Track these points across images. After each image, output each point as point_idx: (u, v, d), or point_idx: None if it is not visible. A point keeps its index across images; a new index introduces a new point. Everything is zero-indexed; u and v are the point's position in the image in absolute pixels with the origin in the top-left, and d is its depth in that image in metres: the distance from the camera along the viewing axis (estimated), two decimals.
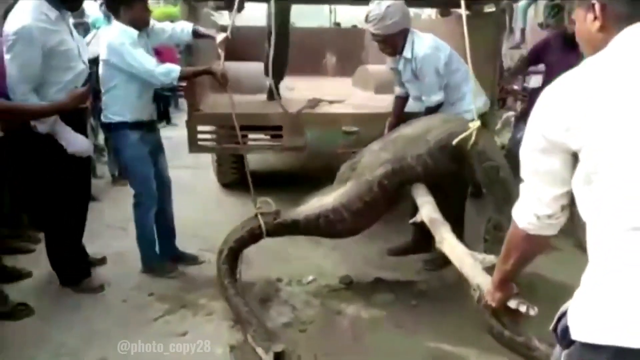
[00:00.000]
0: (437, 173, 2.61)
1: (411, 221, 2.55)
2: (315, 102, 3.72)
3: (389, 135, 2.86)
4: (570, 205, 1.12)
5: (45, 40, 2.53)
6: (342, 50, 6.54)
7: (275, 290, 3.03)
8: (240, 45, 5.45)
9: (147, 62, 2.79)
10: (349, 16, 15.69)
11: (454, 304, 2.65)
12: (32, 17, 2.48)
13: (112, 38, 2.81)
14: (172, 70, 2.85)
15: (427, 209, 2.48)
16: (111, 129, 3.01)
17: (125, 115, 2.93)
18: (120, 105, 2.92)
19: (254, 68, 4.57)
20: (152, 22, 3.03)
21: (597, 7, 1.05)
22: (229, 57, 3.05)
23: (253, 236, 2.78)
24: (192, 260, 3.39)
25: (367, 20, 2.98)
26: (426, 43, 3.00)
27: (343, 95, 4.25)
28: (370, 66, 5.17)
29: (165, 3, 22.71)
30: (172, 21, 9.54)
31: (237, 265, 2.80)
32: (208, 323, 2.69)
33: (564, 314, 1.04)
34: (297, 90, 4.55)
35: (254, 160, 5.28)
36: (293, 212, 2.77)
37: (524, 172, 1.14)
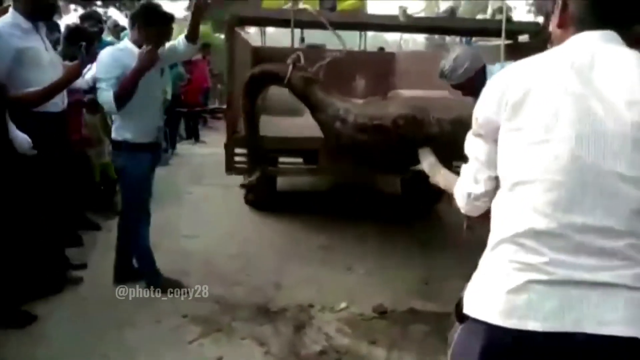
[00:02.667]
0: (449, 147, 2.49)
1: (411, 168, 2.56)
2: None
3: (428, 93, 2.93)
4: None
5: (13, 43, 2.75)
6: (372, 74, 6.54)
7: (309, 317, 2.99)
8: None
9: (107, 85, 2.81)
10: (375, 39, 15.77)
11: None
12: (2, 25, 2.78)
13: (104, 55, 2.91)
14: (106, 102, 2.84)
15: (429, 159, 2.49)
16: (121, 147, 3.03)
17: (135, 136, 2.98)
18: (129, 125, 2.97)
19: (285, 90, 4.59)
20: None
21: (559, 2, 1.11)
22: None
23: (275, 76, 3.06)
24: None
25: (441, 76, 2.86)
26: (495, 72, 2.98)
27: None
28: (403, 91, 5.16)
29: None
30: (206, 44, 9.60)
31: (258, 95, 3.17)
32: (242, 347, 2.67)
33: None
34: None
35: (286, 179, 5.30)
36: (318, 88, 2.99)
37: (467, 153, 1.22)
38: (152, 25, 2.90)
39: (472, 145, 1.19)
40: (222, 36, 19.80)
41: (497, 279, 1.04)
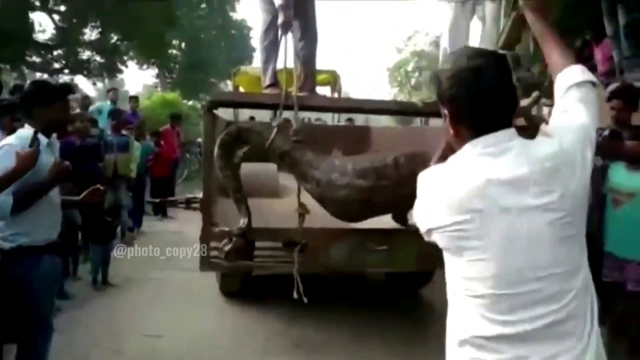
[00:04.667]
0: None
1: None
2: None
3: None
4: None
5: None
6: (348, 147, 6.39)
7: None
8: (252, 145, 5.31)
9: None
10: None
11: None
12: None
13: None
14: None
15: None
16: (15, 255, 2.34)
17: (32, 238, 2.36)
18: (22, 227, 2.33)
19: (266, 169, 4.34)
20: None
21: (447, 115, 1.23)
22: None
23: (255, 136, 2.90)
24: None
25: None
26: None
27: None
28: None
29: (163, 88, 23.17)
30: (176, 115, 9.40)
31: (234, 152, 2.92)
32: None
33: None
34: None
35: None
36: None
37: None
38: (53, 101, 2.43)
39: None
40: (190, 103, 19.61)
41: None
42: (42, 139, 2.38)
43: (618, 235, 3.02)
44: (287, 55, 3.38)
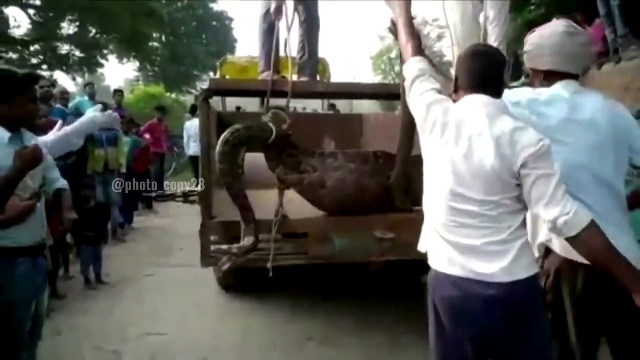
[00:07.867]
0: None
1: None
2: None
3: None
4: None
5: None
6: (341, 135, 6.30)
7: None
8: None
9: None
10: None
11: None
12: None
13: None
14: None
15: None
16: None
17: (10, 238, 2.07)
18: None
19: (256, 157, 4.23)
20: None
21: (452, 76, 1.84)
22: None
23: (262, 137, 2.82)
24: None
25: None
26: None
27: None
28: None
29: (145, 82, 22.65)
30: (162, 107, 9.17)
31: (238, 157, 2.82)
32: None
33: None
34: None
35: None
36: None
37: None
38: (14, 96, 2.11)
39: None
40: (173, 95, 19.32)
41: (428, 240, 1.79)
42: (3, 134, 2.11)
43: None
44: (282, 41, 3.29)
